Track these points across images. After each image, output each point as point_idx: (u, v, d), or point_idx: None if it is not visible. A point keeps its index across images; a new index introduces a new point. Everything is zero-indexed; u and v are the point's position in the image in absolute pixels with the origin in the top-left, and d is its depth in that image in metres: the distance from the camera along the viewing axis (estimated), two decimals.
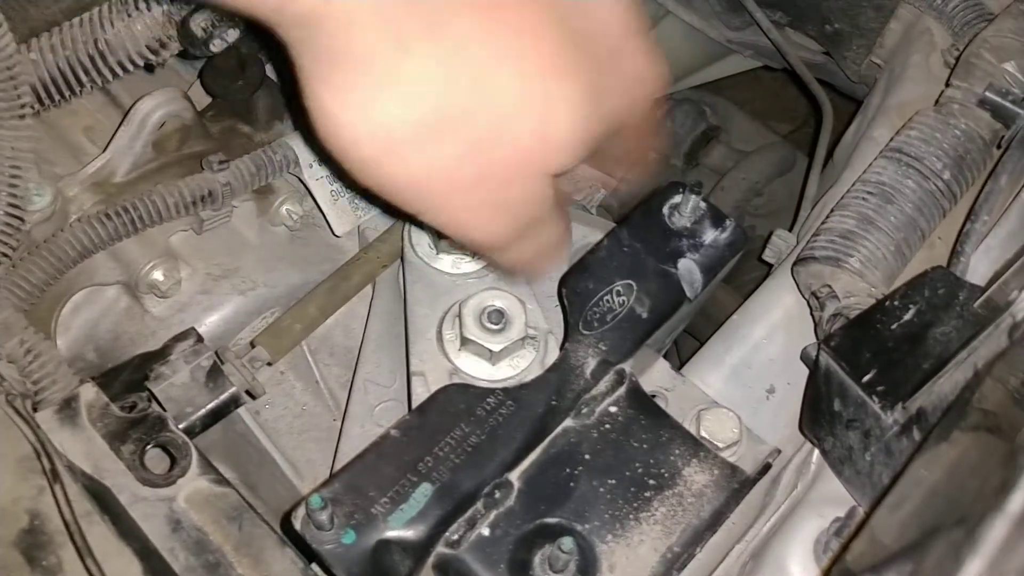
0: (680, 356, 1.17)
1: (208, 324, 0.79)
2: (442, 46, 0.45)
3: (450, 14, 0.45)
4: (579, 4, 0.50)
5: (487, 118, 0.47)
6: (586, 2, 0.51)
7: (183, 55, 0.80)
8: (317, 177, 0.82)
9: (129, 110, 0.79)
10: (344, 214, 0.83)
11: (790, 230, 0.96)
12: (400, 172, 0.48)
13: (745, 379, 0.75)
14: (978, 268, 0.73)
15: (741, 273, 1.20)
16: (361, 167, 0.48)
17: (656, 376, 0.71)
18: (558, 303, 0.70)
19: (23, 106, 0.65)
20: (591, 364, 0.66)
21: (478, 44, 0.46)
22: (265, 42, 0.86)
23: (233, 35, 0.74)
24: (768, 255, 0.92)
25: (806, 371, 0.71)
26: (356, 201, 0.84)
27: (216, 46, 0.74)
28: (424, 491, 0.59)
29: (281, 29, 0.45)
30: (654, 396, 0.69)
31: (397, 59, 0.45)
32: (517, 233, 0.54)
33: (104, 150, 0.79)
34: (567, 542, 0.57)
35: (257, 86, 0.86)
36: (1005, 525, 0.36)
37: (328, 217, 0.82)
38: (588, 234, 0.79)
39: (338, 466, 0.72)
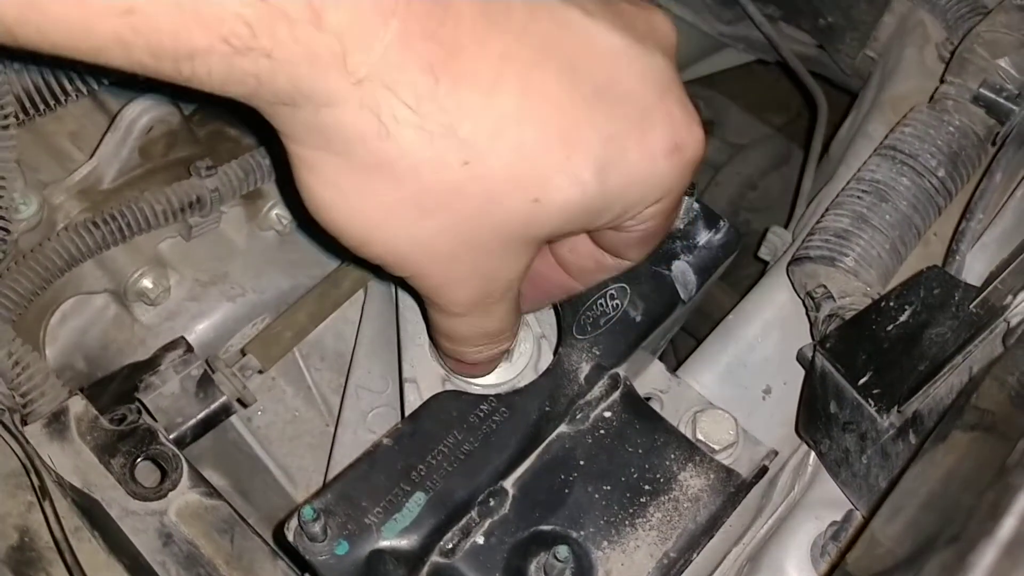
0: (677, 355, 1.17)
1: (198, 331, 0.78)
2: (426, 129, 0.43)
3: (441, 87, 0.43)
4: (605, 61, 0.47)
5: (476, 193, 0.46)
6: (615, 58, 0.47)
7: None
8: None
9: (115, 116, 0.78)
10: None
11: (785, 226, 0.96)
12: (384, 248, 0.49)
13: (741, 379, 0.75)
14: (974, 266, 0.73)
15: (738, 270, 1.20)
16: (347, 243, 0.49)
17: (651, 378, 0.70)
18: (551, 307, 0.69)
19: (6, 116, 0.64)
20: (585, 369, 0.65)
21: (471, 122, 0.44)
22: None
23: None
24: (764, 252, 0.92)
25: (803, 370, 0.71)
26: None
27: None
28: (418, 500, 0.59)
29: (259, 108, 0.44)
30: (649, 399, 0.69)
31: (380, 141, 0.43)
32: (488, 300, 0.53)
33: (91, 157, 0.78)
34: (562, 550, 0.56)
35: None
36: (996, 552, 0.36)
37: None
38: None
39: (331, 473, 0.71)
